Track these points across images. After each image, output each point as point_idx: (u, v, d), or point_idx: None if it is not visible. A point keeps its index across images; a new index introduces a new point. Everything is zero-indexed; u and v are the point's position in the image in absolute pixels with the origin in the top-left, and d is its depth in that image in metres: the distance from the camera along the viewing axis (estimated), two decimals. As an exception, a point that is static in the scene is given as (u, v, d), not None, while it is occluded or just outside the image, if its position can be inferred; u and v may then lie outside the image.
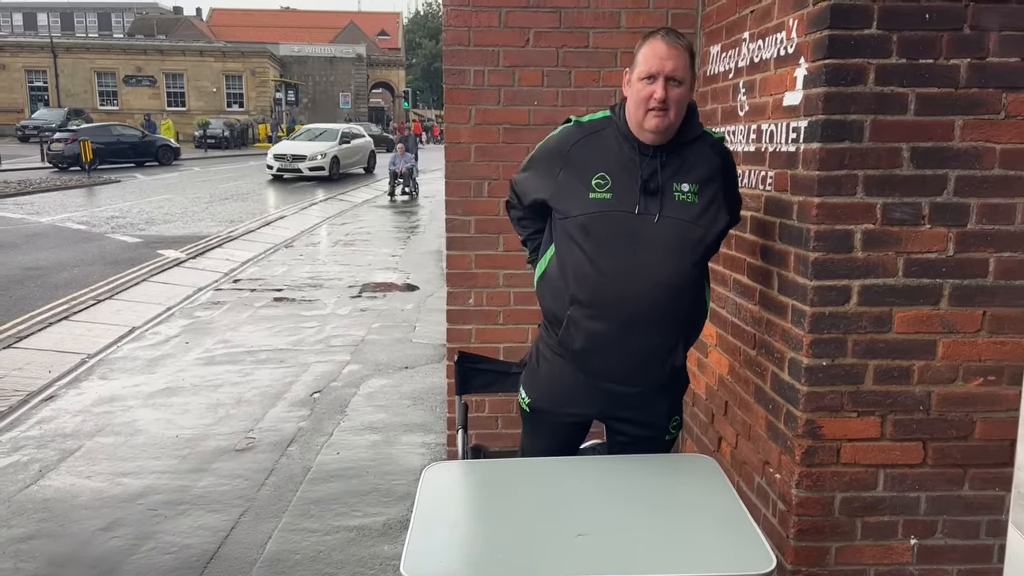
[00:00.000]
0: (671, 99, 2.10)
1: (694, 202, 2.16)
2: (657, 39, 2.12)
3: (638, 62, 2.14)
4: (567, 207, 2.20)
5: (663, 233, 2.14)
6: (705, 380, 3.32)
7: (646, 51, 2.13)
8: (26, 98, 45.80)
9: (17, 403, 5.25)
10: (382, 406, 5.17)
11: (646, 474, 2.33)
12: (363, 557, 3.31)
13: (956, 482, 2.41)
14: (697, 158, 2.20)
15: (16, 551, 3.37)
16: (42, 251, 10.98)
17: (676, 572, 1.82)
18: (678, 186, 2.16)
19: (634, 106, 2.14)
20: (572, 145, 2.22)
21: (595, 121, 2.27)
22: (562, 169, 2.22)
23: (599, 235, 2.15)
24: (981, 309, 2.31)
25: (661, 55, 2.09)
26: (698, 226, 2.17)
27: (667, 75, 2.09)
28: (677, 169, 2.17)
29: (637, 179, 2.14)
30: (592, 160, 2.18)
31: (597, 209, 2.15)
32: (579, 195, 2.17)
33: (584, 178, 2.17)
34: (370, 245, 12.49)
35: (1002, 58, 2.20)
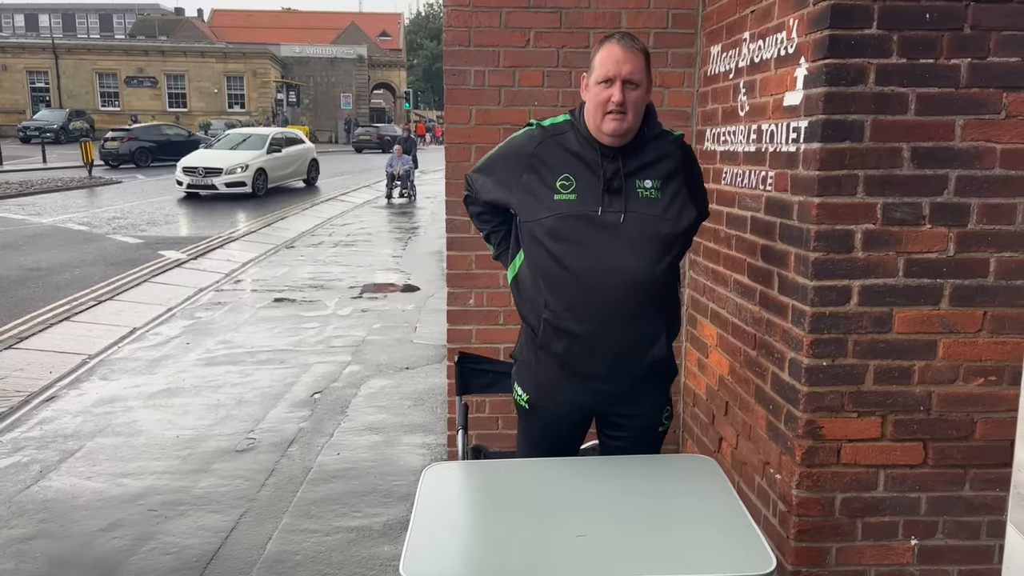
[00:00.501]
0: (628, 102, 2.12)
1: (658, 197, 2.19)
2: (613, 43, 2.14)
3: (595, 66, 2.17)
4: (532, 211, 2.22)
5: (630, 230, 2.16)
6: (706, 381, 3.32)
7: (603, 55, 2.15)
8: (28, 99, 45.86)
9: (18, 404, 5.25)
10: (383, 407, 5.16)
11: (646, 475, 2.33)
12: (363, 558, 3.30)
13: (957, 482, 2.41)
14: (658, 155, 2.23)
15: (17, 551, 3.37)
16: (43, 252, 10.98)
17: (675, 573, 1.82)
18: (641, 183, 2.19)
19: (593, 109, 2.17)
20: (536, 147, 2.24)
21: (556, 124, 2.29)
22: (525, 172, 2.24)
23: (566, 236, 2.17)
24: (982, 309, 2.31)
25: (618, 59, 2.12)
26: (664, 220, 2.19)
27: (624, 78, 2.12)
28: (639, 167, 2.20)
29: (600, 179, 2.17)
30: (555, 163, 2.21)
31: (562, 211, 2.17)
32: (544, 197, 2.19)
33: (548, 180, 2.20)
34: (371, 246, 12.49)
35: (1003, 58, 2.20)
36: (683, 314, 2.44)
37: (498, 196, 2.34)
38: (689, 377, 3.57)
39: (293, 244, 12.47)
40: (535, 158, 2.23)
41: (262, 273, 10.06)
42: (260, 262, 10.86)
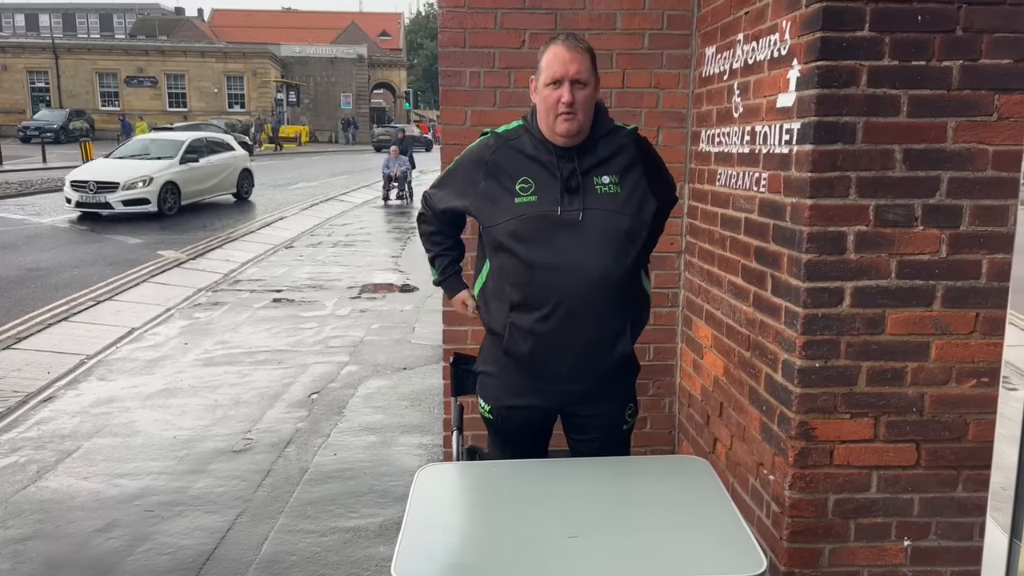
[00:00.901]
0: (578, 101, 2.16)
1: (617, 192, 2.23)
2: (558, 44, 2.18)
3: (542, 68, 2.20)
4: (493, 215, 2.26)
5: (591, 227, 2.20)
6: (700, 382, 3.32)
7: (549, 57, 2.19)
8: (28, 99, 45.86)
9: (16, 404, 5.26)
10: (380, 407, 5.17)
11: (638, 476, 2.33)
12: (359, 558, 3.31)
13: (949, 484, 2.41)
14: (613, 150, 2.27)
15: (13, 552, 3.38)
16: (42, 252, 10.99)
17: (667, 574, 1.83)
18: (599, 179, 2.23)
19: (544, 112, 2.21)
20: (493, 153, 2.28)
21: (510, 130, 2.34)
22: (484, 179, 2.28)
23: (528, 237, 2.21)
24: (974, 311, 2.32)
25: (564, 59, 2.15)
26: (624, 215, 2.23)
27: (571, 78, 2.16)
28: (595, 163, 2.25)
29: (558, 179, 2.22)
30: (513, 167, 2.25)
31: (524, 212, 2.21)
32: (505, 201, 2.23)
33: (508, 184, 2.24)
34: (370, 246, 12.50)
35: (994, 60, 2.20)
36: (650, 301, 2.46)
37: (455, 204, 2.38)
38: (684, 378, 3.58)
39: (292, 244, 12.48)
40: (493, 164, 2.27)
41: (261, 273, 10.07)
42: (259, 262, 10.87)
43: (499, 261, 2.30)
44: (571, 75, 2.15)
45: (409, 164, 19.26)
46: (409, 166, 19.19)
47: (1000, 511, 1.66)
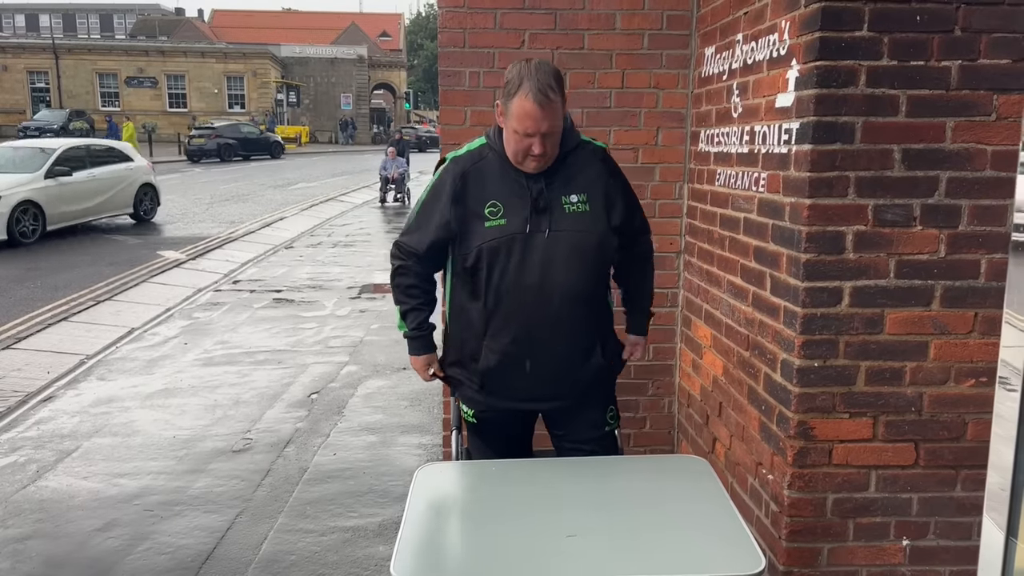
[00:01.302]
0: (548, 149, 2.18)
1: (585, 211, 2.26)
2: (529, 100, 2.10)
3: (512, 113, 2.15)
4: (466, 241, 2.27)
5: (560, 246, 2.23)
6: (700, 382, 3.33)
7: (520, 109, 2.12)
8: (28, 99, 45.88)
9: (15, 404, 5.26)
10: (379, 407, 5.17)
11: (637, 475, 2.34)
12: (358, 558, 3.31)
13: (948, 483, 2.41)
14: (580, 167, 2.28)
15: (13, 551, 3.38)
16: (42, 252, 10.99)
17: (665, 573, 1.83)
18: (566, 198, 2.25)
19: (513, 150, 2.20)
20: (458, 179, 2.27)
21: (473, 151, 2.32)
22: (453, 206, 2.27)
23: (499, 260, 2.24)
24: (973, 310, 2.32)
25: (536, 117, 2.12)
26: (592, 232, 2.27)
27: (543, 133, 2.15)
28: (563, 182, 2.25)
29: (527, 201, 2.23)
30: (480, 191, 2.25)
31: (494, 236, 2.23)
32: (475, 226, 2.25)
33: (476, 209, 2.24)
34: (370, 246, 12.50)
35: (993, 60, 2.20)
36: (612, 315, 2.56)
37: (440, 235, 2.33)
38: (683, 378, 3.58)
39: (292, 244, 12.48)
40: (459, 191, 2.26)
41: (261, 273, 10.07)
42: (259, 262, 10.87)
43: (471, 283, 2.32)
44: (543, 131, 2.15)
45: (407, 166, 19.21)
46: (407, 167, 19.13)
47: (997, 510, 1.67)
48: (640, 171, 3.46)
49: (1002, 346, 2.31)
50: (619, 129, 3.42)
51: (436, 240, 2.34)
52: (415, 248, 2.38)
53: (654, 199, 3.49)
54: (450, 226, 2.28)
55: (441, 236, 2.33)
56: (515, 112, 2.14)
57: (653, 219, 3.49)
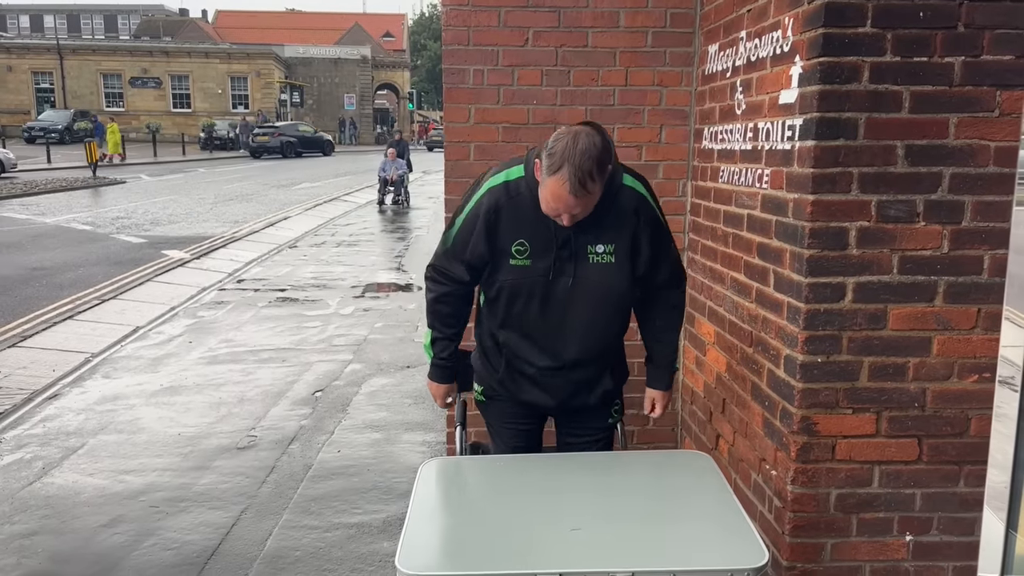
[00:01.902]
0: (580, 217, 2.12)
1: (610, 262, 2.24)
2: (566, 188, 2.02)
3: (548, 187, 2.06)
4: (492, 272, 2.30)
5: (581, 294, 2.25)
6: (703, 378, 3.33)
7: (555, 190, 2.05)
8: (32, 100, 46.00)
9: (21, 401, 5.29)
10: (383, 405, 5.19)
11: (641, 470, 2.35)
12: (363, 554, 3.32)
13: (951, 479, 2.42)
14: (614, 214, 2.20)
15: (19, 547, 3.40)
16: (47, 251, 11.03)
17: (669, 566, 1.83)
18: (593, 248, 2.22)
19: (544, 206, 2.13)
20: (492, 213, 2.23)
21: (511, 184, 2.23)
22: (486, 237, 2.25)
23: (521, 299, 2.28)
24: (976, 306, 2.32)
25: (569, 203, 2.06)
26: (616, 285, 2.27)
27: (574, 213, 2.10)
28: (593, 229, 2.20)
29: (553, 247, 2.21)
30: (512, 227, 2.22)
31: (517, 276, 2.25)
32: (502, 261, 2.26)
33: (505, 245, 2.24)
34: (374, 245, 12.53)
35: (996, 56, 2.21)
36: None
37: (477, 263, 2.31)
38: (687, 375, 3.59)
39: (296, 244, 12.51)
40: (492, 225, 2.24)
41: (265, 272, 10.10)
42: (263, 261, 10.89)
43: (494, 305, 2.37)
44: (573, 212, 2.09)
45: (406, 167, 18.60)
46: (406, 169, 18.50)
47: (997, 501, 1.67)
48: (643, 168, 3.43)
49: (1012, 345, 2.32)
50: (623, 127, 3.43)
51: (475, 266, 2.34)
52: (459, 276, 2.37)
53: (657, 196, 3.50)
54: (484, 257, 2.29)
55: (478, 264, 2.33)
56: (551, 188, 2.06)
57: (657, 216, 3.51)
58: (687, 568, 1.83)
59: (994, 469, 2.10)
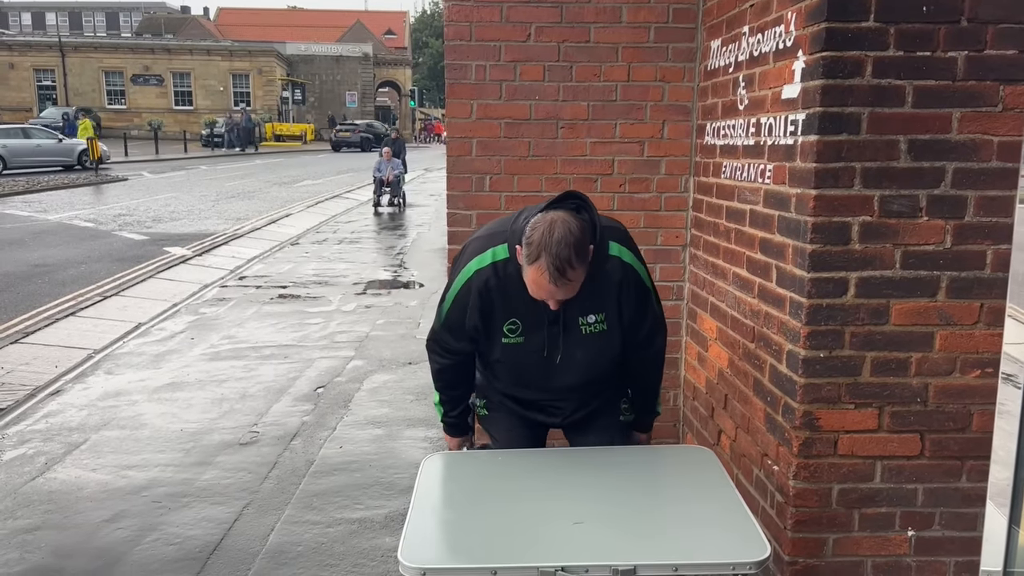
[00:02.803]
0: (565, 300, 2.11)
1: (603, 330, 2.25)
2: (545, 277, 2.00)
3: (529, 276, 2.05)
4: (488, 346, 2.33)
5: (575, 363, 2.29)
6: (705, 374, 3.33)
7: (535, 280, 2.03)
8: (34, 97, 46.03)
9: (24, 397, 5.29)
10: (385, 401, 5.19)
11: (644, 464, 2.35)
12: (365, 549, 3.33)
13: (954, 474, 2.42)
14: (601, 283, 2.18)
15: (22, 542, 3.40)
16: (49, 248, 11.04)
17: (671, 560, 1.84)
18: (584, 319, 2.23)
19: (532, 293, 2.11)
20: (483, 293, 2.22)
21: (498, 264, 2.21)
22: (479, 315, 2.25)
23: (514, 371, 2.36)
24: (979, 301, 2.32)
25: (550, 291, 2.05)
26: (609, 351, 2.30)
27: (559, 299, 2.10)
28: (582, 302, 2.17)
29: (544, 323, 2.22)
30: (503, 307, 2.23)
31: (511, 354, 2.30)
32: (495, 338, 2.29)
33: (497, 324, 2.26)
34: (375, 243, 12.54)
35: (1000, 50, 2.20)
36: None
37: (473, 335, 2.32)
38: (689, 371, 3.59)
39: (298, 241, 12.52)
40: (482, 305, 2.24)
41: (267, 269, 10.10)
42: (265, 258, 10.90)
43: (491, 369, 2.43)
44: (557, 298, 2.09)
45: (403, 168, 17.58)
46: (403, 169, 17.49)
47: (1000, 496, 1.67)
48: (645, 165, 3.47)
49: (1005, 340, 2.32)
50: (625, 122, 3.43)
51: (473, 337, 2.34)
52: (458, 348, 2.39)
53: (660, 192, 3.50)
54: (480, 329, 2.30)
55: (475, 336, 2.34)
56: (531, 278, 2.05)
57: (658, 213, 3.52)
58: (689, 562, 1.83)
59: (997, 465, 2.11)
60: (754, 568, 1.81)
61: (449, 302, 2.33)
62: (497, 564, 1.81)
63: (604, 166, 3.46)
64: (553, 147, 3.44)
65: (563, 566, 1.77)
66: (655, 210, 3.52)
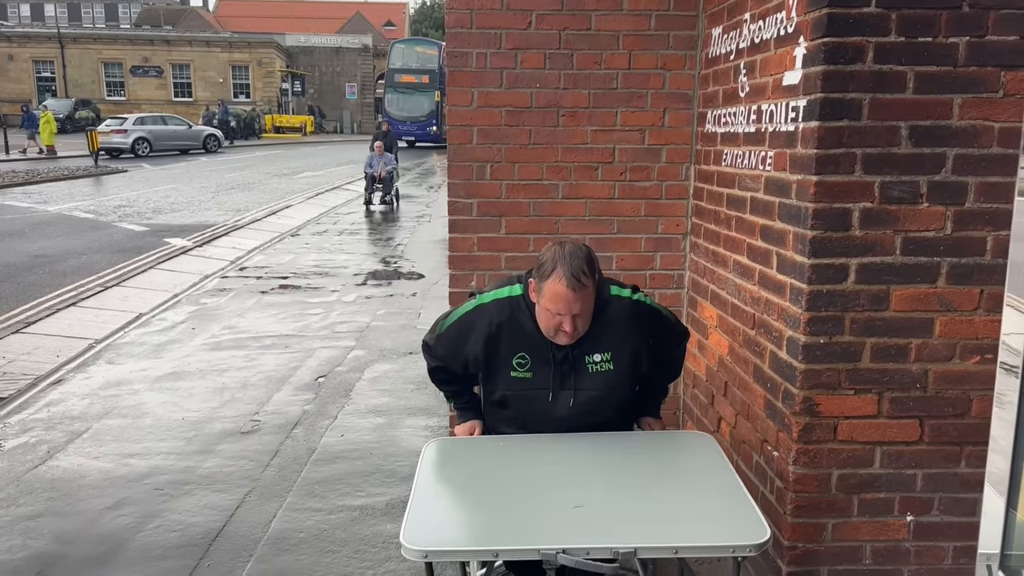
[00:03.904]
0: (579, 325, 2.20)
1: (609, 370, 2.31)
2: (563, 285, 2.13)
3: (545, 294, 2.17)
4: (491, 378, 2.38)
5: (582, 402, 2.32)
6: (705, 362, 3.34)
7: (553, 291, 2.15)
8: (34, 88, 45.90)
9: (26, 386, 5.31)
10: (386, 390, 5.20)
11: (644, 449, 2.36)
12: (366, 535, 3.34)
13: (952, 459, 2.43)
14: (607, 324, 2.28)
15: (25, 528, 3.42)
16: (50, 239, 11.04)
17: (672, 543, 1.85)
18: (590, 358, 2.30)
19: (543, 325, 2.23)
20: (495, 327, 2.30)
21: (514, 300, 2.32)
22: (484, 346, 2.32)
23: (522, 408, 2.37)
24: (979, 287, 2.33)
25: (568, 301, 2.14)
26: (616, 389, 2.34)
27: (575, 314, 2.18)
28: (589, 342, 2.27)
29: (552, 361, 2.29)
30: (513, 341, 2.31)
31: (518, 387, 2.34)
32: (501, 373, 2.34)
33: (505, 358, 2.32)
34: (375, 233, 12.53)
35: (1001, 36, 2.20)
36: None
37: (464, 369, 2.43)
38: (689, 359, 3.59)
39: (298, 232, 12.51)
40: (493, 337, 2.31)
41: (267, 260, 10.10)
42: (265, 249, 10.90)
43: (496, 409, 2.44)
44: (574, 312, 2.17)
45: (395, 162, 16.44)
46: (396, 164, 16.36)
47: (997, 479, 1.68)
48: (646, 153, 3.47)
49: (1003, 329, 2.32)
50: (626, 110, 3.43)
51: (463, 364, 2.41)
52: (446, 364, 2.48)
53: (660, 181, 3.50)
54: (476, 363, 2.36)
55: (464, 370, 2.42)
56: (548, 294, 2.16)
57: (659, 201, 3.52)
58: (690, 544, 1.85)
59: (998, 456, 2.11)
60: (754, 551, 1.82)
61: (452, 319, 2.42)
62: (499, 546, 1.82)
63: (605, 154, 3.46)
64: (554, 135, 3.44)
65: (564, 548, 1.78)
66: (656, 198, 3.52)
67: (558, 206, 3.45)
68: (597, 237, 3.45)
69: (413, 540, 1.83)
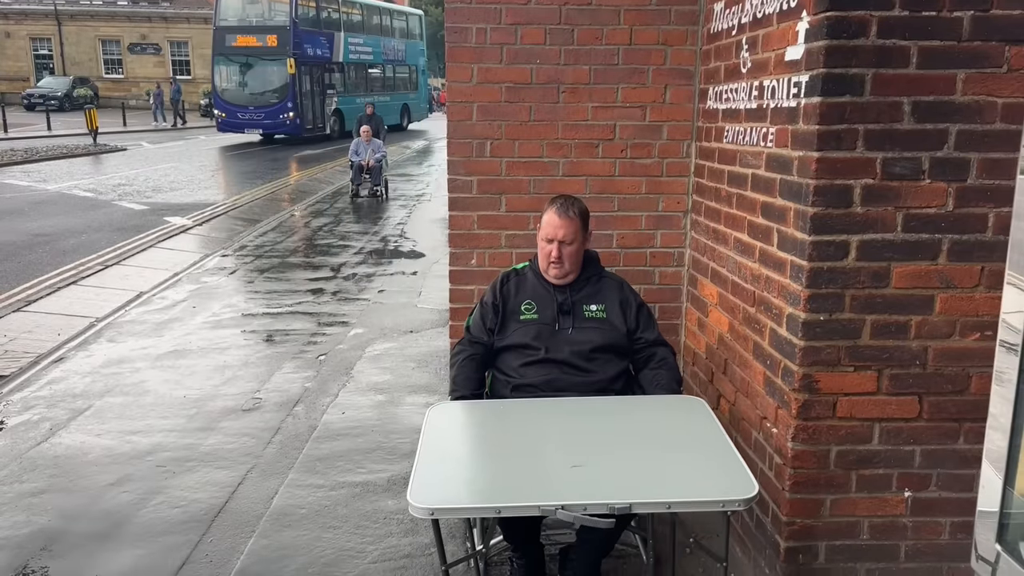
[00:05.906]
0: (564, 255, 2.72)
1: (603, 317, 2.78)
2: (554, 211, 2.73)
3: (542, 224, 2.76)
4: (505, 329, 2.81)
5: (582, 337, 2.72)
6: (705, 339, 3.35)
7: (546, 218, 2.75)
8: (31, 66, 45.57)
9: (27, 364, 5.32)
10: (387, 368, 5.22)
11: (639, 412, 2.42)
12: (367, 511, 3.37)
13: (951, 436, 2.44)
14: (600, 288, 2.84)
15: (28, 505, 3.45)
16: (49, 218, 11.03)
17: (665, 498, 1.90)
18: (587, 307, 2.79)
19: (540, 259, 2.80)
20: (501, 286, 2.87)
21: (519, 269, 2.93)
22: (495, 309, 2.82)
23: (532, 339, 2.72)
24: (979, 264, 2.32)
25: (555, 225, 2.71)
26: (610, 332, 2.75)
27: (560, 240, 2.70)
28: (585, 296, 2.80)
29: (554, 304, 2.77)
30: (520, 294, 2.84)
31: (526, 327, 2.76)
32: (512, 321, 2.80)
33: (515, 308, 2.82)
34: (376, 212, 12.50)
35: (1006, 11, 2.18)
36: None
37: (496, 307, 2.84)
38: (689, 337, 3.60)
39: (294, 213, 12.48)
40: (504, 293, 2.85)
41: (269, 239, 10.09)
42: (265, 234, 10.88)
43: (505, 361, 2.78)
44: (559, 237, 2.70)
45: (384, 149, 14.54)
46: (384, 152, 14.48)
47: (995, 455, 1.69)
48: (647, 129, 3.45)
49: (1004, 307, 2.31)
50: (627, 87, 3.41)
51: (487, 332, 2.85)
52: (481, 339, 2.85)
53: (661, 158, 3.48)
54: (496, 314, 2.82)
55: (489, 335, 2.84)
56: (542, 224, 2.76)
57: (660, 179, 3.51)
58: (682, 499, 1.89)
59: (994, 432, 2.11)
60: (742, 505, 1.88)
61: (476, 306, 2.95)
62: (501, 503, 1.86)
63: (606, 131, 3.44)
64: (554, 112, 3.42)
65: (563, 504, 1.83)
66: (657, 176, 3.51)
67: (558, 184, 3.43)
68: (598, 215, 3.43)
69: (420, 499, 1.88)
